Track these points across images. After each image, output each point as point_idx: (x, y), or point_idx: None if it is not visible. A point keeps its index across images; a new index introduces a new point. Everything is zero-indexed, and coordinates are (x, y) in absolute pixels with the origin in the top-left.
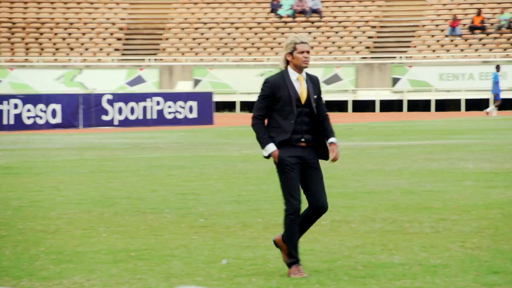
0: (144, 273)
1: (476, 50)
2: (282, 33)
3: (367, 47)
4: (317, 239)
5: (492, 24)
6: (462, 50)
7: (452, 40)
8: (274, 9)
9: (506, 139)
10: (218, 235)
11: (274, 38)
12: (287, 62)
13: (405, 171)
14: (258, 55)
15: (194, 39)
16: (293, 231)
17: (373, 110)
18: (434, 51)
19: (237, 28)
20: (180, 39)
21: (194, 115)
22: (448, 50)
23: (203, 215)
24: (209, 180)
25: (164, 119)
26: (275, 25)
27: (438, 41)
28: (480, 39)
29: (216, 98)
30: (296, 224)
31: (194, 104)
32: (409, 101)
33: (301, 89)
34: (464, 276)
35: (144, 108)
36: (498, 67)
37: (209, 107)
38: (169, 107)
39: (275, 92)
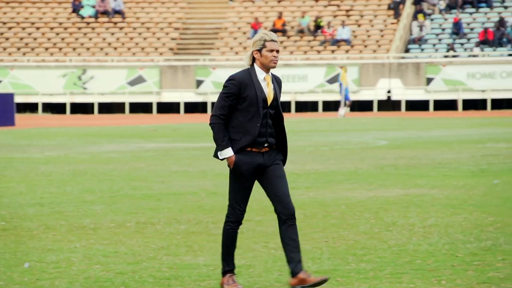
0: None
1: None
2: (85, 34)
3: (171, 49)
4: (122, 241)
5: (292, 27)
6: None
7: None
8: (75, 10)
9: (307, 141)
10: (20, 238)
11: (77, 39)
12: (253, 60)
13: (209, 172)
14: (60, 56)
15: None
16: (230, 239)
17: (177, 111)
18: (237, 53)
19: (38, 28)
20: None
21: None
22: None
23: (4, 218)
24: (11, 182)
25: None
26: (77, 25)
27: (240, 43)
28: (282, 42)
29: (17, 99)
30: (235, 233)
31: None
32: (213, 103)
33: (268, 89)
34: (267, 276)
35: None
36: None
37: (10, 108)
38: None
39: (242, 90)
